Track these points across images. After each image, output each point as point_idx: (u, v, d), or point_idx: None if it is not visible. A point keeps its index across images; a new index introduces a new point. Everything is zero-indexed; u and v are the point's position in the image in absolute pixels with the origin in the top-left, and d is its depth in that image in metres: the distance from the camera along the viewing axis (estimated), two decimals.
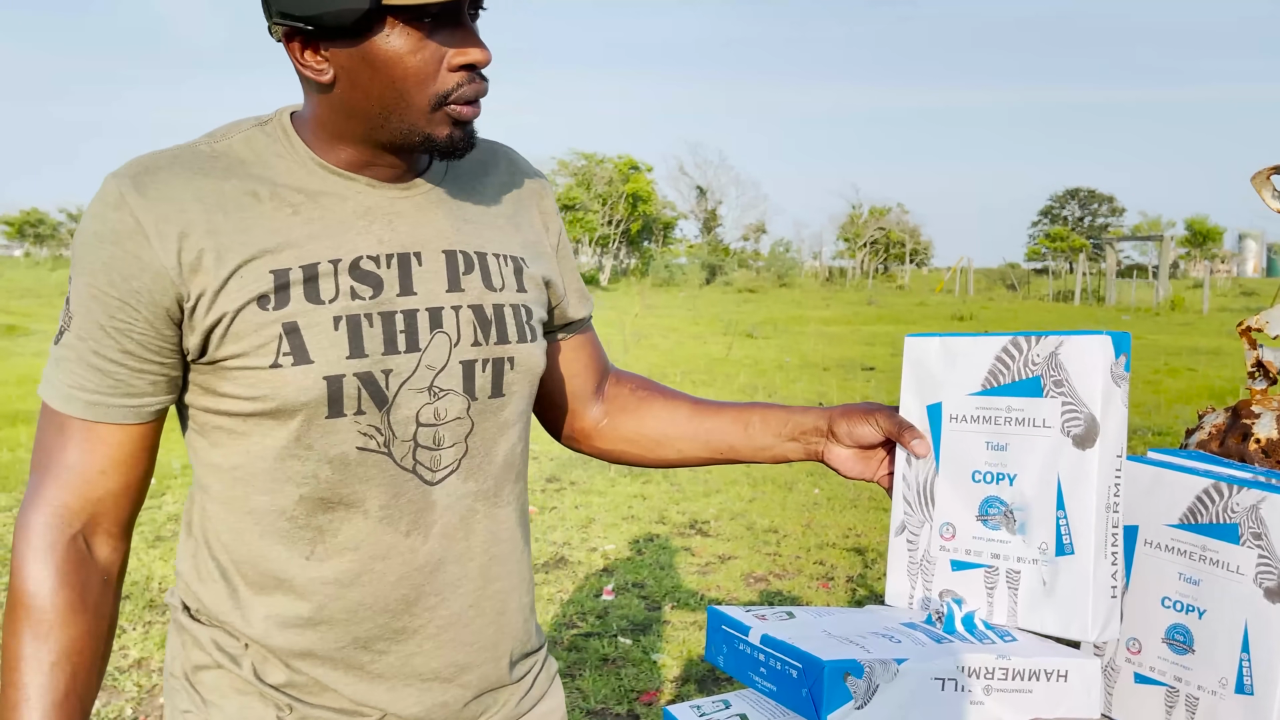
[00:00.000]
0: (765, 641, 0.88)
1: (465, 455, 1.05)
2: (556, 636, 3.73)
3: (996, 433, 0.98)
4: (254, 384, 0.96)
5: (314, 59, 0.95)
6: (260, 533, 1.01)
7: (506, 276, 1.08)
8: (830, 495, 5.89)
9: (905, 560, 1.05)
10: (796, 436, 1.18)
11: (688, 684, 3.37)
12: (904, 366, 1.07)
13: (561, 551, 4.77)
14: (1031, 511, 0.96)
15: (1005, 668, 0.87)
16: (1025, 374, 0.97)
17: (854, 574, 4.53)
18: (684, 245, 56.38)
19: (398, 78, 0.94)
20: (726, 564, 4.64)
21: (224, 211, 0.96)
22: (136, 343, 0.96)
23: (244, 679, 1.04)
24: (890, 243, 56.66)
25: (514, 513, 1.12)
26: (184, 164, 0.97)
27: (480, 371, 1.04)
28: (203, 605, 1.06)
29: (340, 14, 0.90)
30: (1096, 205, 73.37)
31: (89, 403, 0.97)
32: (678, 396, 1.27)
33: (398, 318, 0.99)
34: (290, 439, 0.97)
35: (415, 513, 1.03)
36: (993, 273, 45.90)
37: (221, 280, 0.95)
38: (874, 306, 26.82)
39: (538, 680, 1.20)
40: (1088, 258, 41.26)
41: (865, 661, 0.82)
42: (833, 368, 12.01)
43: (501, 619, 1.11)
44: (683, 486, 6.06)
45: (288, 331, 0.95)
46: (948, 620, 0.94)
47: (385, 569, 1.03)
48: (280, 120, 1.03)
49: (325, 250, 0.98)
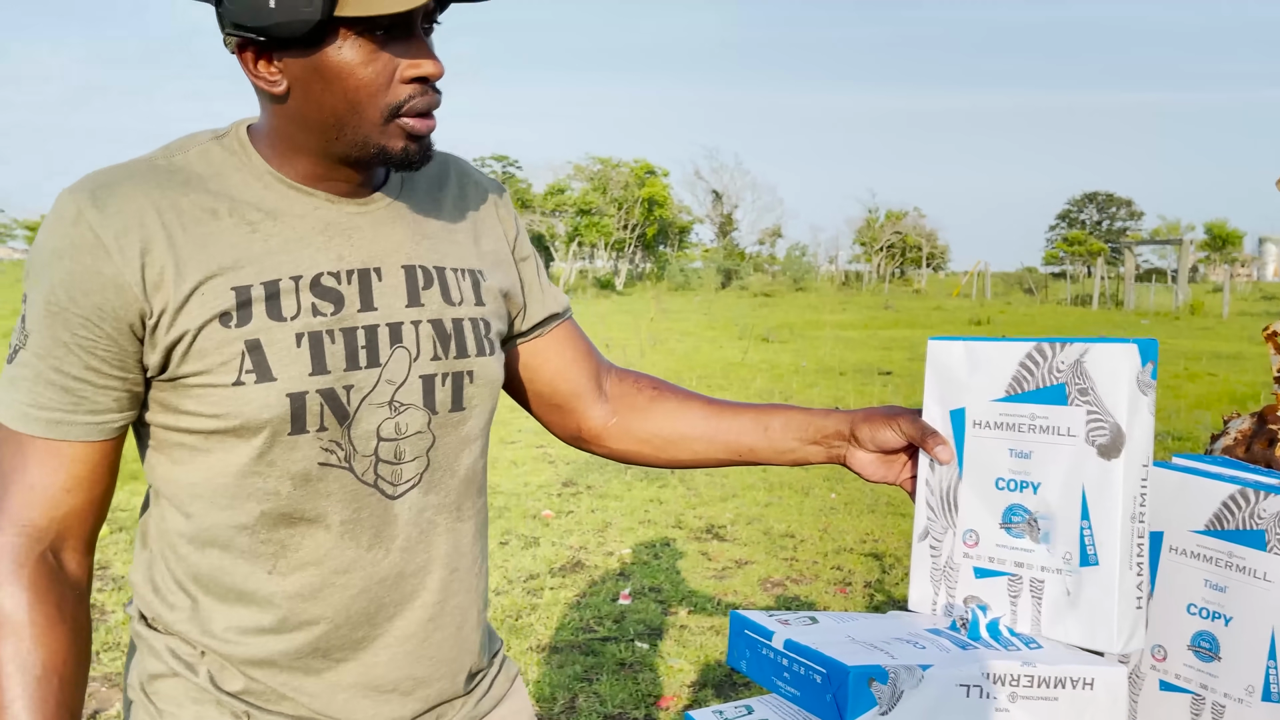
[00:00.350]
0: (789, 646, 0.88)
1: (427, 469, 1.05)
2: (573, 640, 3.73)
3: (1020, 440, 0.98)
4: (217, 402, 0.96)
5: (267, 70, 0.95)
6: (221, 548, 1.01)
7: (465, 290, 1.09)
8: (848, 500, 5.87)
9: (928, 566, 1.05)
10: (818, 440, 1.17)
11: (705, 689, 3.36)
12: (927, 370, 1.06)
13: (578, 555, 4.77)
14: (1056, 521, 0.95)
15: (1031, 675, 0.86)
16: (1049, 381, 0.96)
17: (871, 579, 4.52)
18: (699, 249, 56.38)
19: (350, 89, 0.94)
20: (743, 569, 4.63)
21: (183, 227, 0.95)
22: (100, 359, 0.95)
23: (200, 686, 1.04)
24: (907, 246, 56.50)
25: (474, 527, 1.13)
26: (141, 178, 0.96)
27: (440, 385, 1.05)
28: (159, 615, 1.06)
29: (292, 25, 0.90)
30: (1114, 209, 72.97)
31: (51, 421, 0.95)
32: (691, 396, 1.26)
33: (359, 333, 1.00)
34: (253, 456, 0.97)
35: (377, 526, 1.03)
36: (1010, 277, 45.69)
37: (183, 297, 0.94)
38: (890, 311, 26.74)
39: (495, 683, 1.21)
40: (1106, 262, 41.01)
41: (890, 667, 0.82)
42: (849, 372, 11.98)
43: (460, 633, 1.12)
44: (699, 491, 6.06)
45: (250, 349, 0.95)
46: (972, 626, 0.94)
47: (347, 582, 1.03)
48: (237, 133, 1.03)
49: (286, 267, 0.98)
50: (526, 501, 5.75)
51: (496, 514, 5.46)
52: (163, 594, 1.06)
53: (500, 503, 5.70)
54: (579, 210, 45.94)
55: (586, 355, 1.26)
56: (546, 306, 1.22)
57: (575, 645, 3.70)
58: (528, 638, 3.75)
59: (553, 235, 45.25)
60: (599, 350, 1.30)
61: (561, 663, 3.54)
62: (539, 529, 5.21)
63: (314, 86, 0.94)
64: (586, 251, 47.89)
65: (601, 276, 43.94)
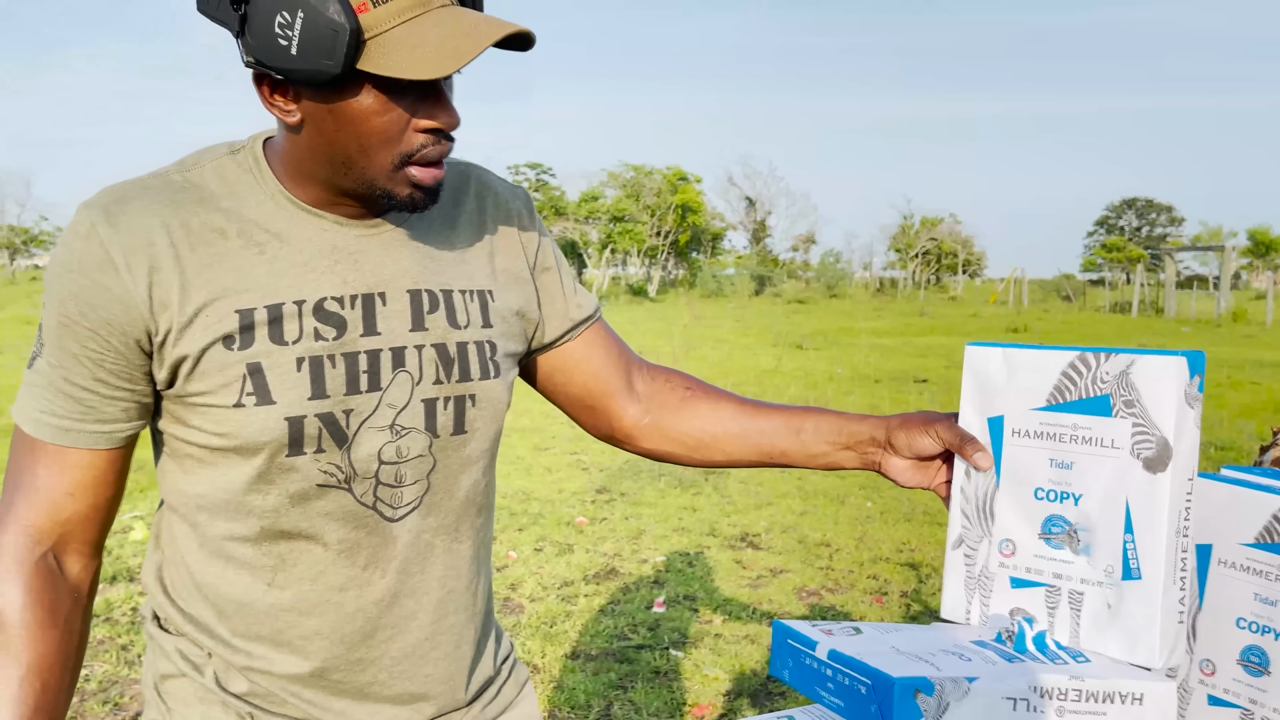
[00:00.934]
0: (833, 657, 0.88)
1: (427, 492, 1.06)
2: (608, 647, 3.73)
3: (1061, 450, 0.97)
4: (219, 421, 0.98)
5: (282, 101, 0.95)
6: (223, 558, 1.03)
7: (472, 313, 1.09)
8: (883, 509, 5.84)
9: (963, 574, 1.04)
10: (853, 445, 1.16)
11: (740, 698, 3.35)
12: (964, 376, 1.05)
13: (612, 563, 4.77)
14: (1097, 533, 0.94)
15: (1079, 689, 0.86)
16: (1093, 391, 0.95)
17: (908, 589, 4.48)
18: (732, 256, 56.30)
19: (362, 134, 0.94)
20: (778, 577, 4.61)
21: (191, 247, 0.96)
22: (108, 370, 0.97)
23: (206, 687, 1.06)
24: (942, 253, 56.10)
25: (471, 547, 1.13)
26: (154, 195, 0.97)
27: (442, 409, 1.05)
28: (169, 616, 1.08)
29: (311, 75, 0.89)
30: (1154, 215, 72.09)
31: (59, 428, 0.98)
32: (724, 396, 1.25)
33: (361, 358, 1.00)
34: (253, 474, 0.99)
35: (374, 548, 1.04)
36: (1047, 284, 45.21)
37: (188, 318, 0.96)
38: (926, 318, 26.55)
39: (504, 689, 1.22)
40: (1145, 268, 40.49)
41: (936, 679, 0.81)
42: (885, 380, 11.91)
43: (457, 651, 1.13)
44: (733, 499, 6.05)
45: (251, 372, 0.96)
46: (1018, 639, 0.93)
47: (342, 600, 1.04)
48: (253, 149, 1.03)
49: (290, 291, 0.98)
50: (561, 508, 5.76)
51: (531, 520, 5.47)
52: (172, 596, 1.08)
53: (535, 509, 5.72)
54: (612, 217, 46.01)
55: (617, 355, 1.26)
56: (571, 315, 1.22)
57: (610, 653, 3.70)
58: (562, 644, 3.76)
59: (586, 242, 45.32)
60: (631, 350, 1.29)
61: (596, 670, 3.54)
62: (573, 536, 5.22)
63: (327, 125, 0.95)
64: (619, 258, 47.94)
65: (634, 283, 43.97)
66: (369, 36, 0.89)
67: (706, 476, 6.59)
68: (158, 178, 1.00)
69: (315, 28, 0.87)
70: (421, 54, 0.89)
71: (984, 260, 62.51)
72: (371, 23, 0.89)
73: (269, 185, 1.01)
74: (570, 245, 43.89)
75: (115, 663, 3.56)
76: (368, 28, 0.89)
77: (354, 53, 0.88)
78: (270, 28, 0.88)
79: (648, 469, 6.76)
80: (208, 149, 1.04)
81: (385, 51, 0.89)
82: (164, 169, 1.02)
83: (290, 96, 0.94)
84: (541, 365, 1.23)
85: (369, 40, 0.89)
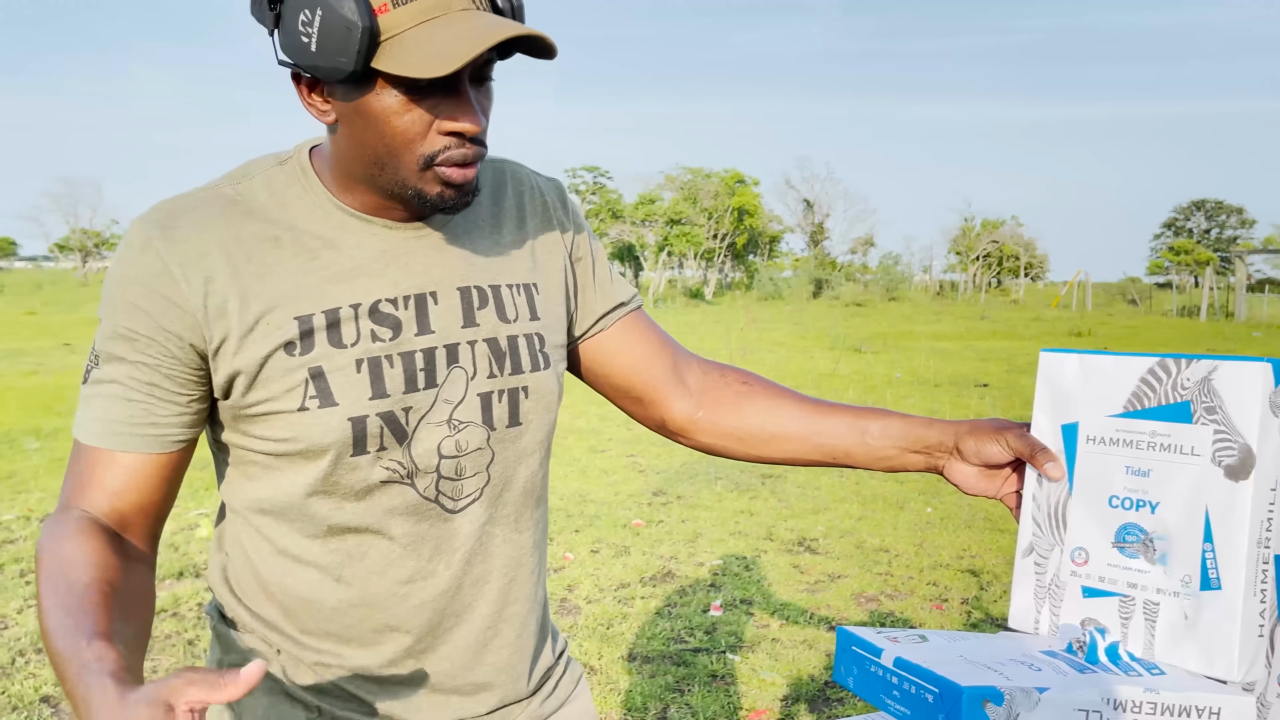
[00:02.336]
0: (899, 664, 0.87)
1: (487, 484, 1.08)
2: (665, 650, 3.73)
3: (1138, 457, 0.95)
4: (282, 426, 1.00)
5: (318, 100, 0.97)
6: (289, 557, 1.06)
7: (520, 306, 1.11)
8: (944, 515, 5.76)
9: (1032, 583, 1.02)
10: (920, 450, 1.15)
11: (798, 703, 3.33)
12: (1038, 382, 1.04)
13: (668, 565, 4.77)
14: (1174, 542, 0.92)
15: (1154, 702, 0.83)
16: (1173, 398, 0.93)
17: (968, 596, 4.42)
18: (789, 259, 56.01)
19: (386, 134, 0.95)
20: (836, 583, 4.57)
21: (246, 258, 0.99)
22: (162, 375, 0.98)
23: (274, 680, 1.08)
24: (1004, 256, 55.28)
25: (531, 537, 1.15)
26: (206, 208, 1.00)
27: (497, 402, 1.07)
28: (236, 615, 1.11)
29: (329, 71, 0.91)
30: (1224, 217, 70.33)
31: (113, 433, 0.99)
32: (783, 392, 1.24)
33: (417, 356, 1.02)
34: (318, 476, 1.01)
35: (437, 540, 1.06)
36: (1112, 287, 44.35)
37: (247, 327, 0.98)
38: (987, 321, 26.17)
39: (560, 684, 1.23)
40: (1215, 271, 39.52)
41: (1005, 689, 0.80)
42: (945, 384, 11.76)
43: (519, 640, 1.15)
44: (790, 503, 6.01)
45: (313, 376, 0.99)
46: (1090, 650, 0.91)
47: (409, 592, 1.06)
48: (299, 158, 1.05)
49: (345, 295, 1.00)
50: (617, 510, 5.77)
51: (588, 522, 5.49)
52: (239, 596, 1.11)
53: (591, 511, 5.73)
54: (669, 220, 46.03)
55: (660, 346, 1.25)
56: (607, 300, 1.22)
57: (667, 655, 3.69)
58: (619, 647, 3.76)
59: (643, 245, 45.39)
60: (679, 344, 1.29)
61: (653, 672, 3.54)
62: (630, 538, 5.22)
63: (356, 124, 0.96)
64: (676, 261, 47.94)
65: (691, 286, 43.93)
66: (386, 37, 0.91)
67: (763, 481, 6.56)
68: (209, 191, 1.02)
69: (331, 25, 0.89)
70: (427, 54, 0.90)
71: (1046, 263, 61.49)
72: (391, 24, 0.91)
73: (317, 193, 1.03)
74: (627, 248, 43.99)
75: (183, 656, 3.63)
76: (386, 29, 0.91)
77: (368, 51, 0.90)
78: (295, 26, 0.91)
79: (704, 472, 6.75)
80: (256, 161, 1.07)
81: (398, 51, 0.91)
82: (215, 182, 1.04)
83: (324, 95, 0.97)
84: (582, 355, 1.24)
85: (386, 40, 0.91)
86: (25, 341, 17.09)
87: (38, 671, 3.48)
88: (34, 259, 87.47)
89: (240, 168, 1.06)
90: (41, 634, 0.90)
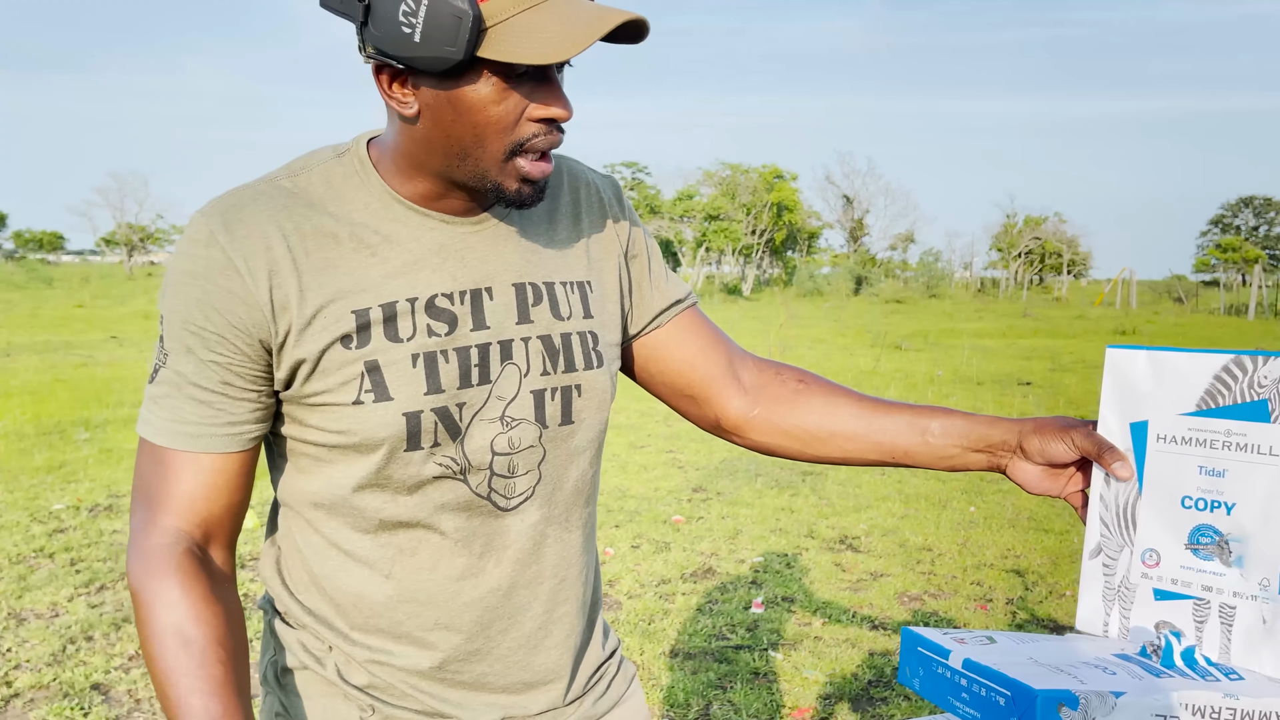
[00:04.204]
0: (968, 666, 0.85)
1: (539, 482, 1.07)
2: (706, 647, 3.72)
3: (1212, 457, 0.93)
4: (337, 419, 0.99)
5: (400, 92, 0.96)
6: (340, 551, 1.05)
7: (574, 304, 1.10)
8: (987, 514, 5.70)
9: (1101, 585, 1.00)
10: (982, 449, 1.12)
11: (840, 702, 3.31)
12: (1105, 380, 1.01)
13: (709, 562, 4.76)
14: (1251, 544, 0.90)
15: (1234, 708, 0.81)
16: (1250, 396, 0.91)
17: (1013, 596, 4.37)
18: (829, 255, 55.68)
19: (479, 123, 0.95)
20: (879, 581, 4.54)
21: (306, 252, 0.98)
22: (234, 373, 0.98)
23: (328, 680, 1.08)
24: (1046, 253, 54.61)
25: (581, 537, 1.14)
26: (267, 200, 0.99)
27: (550, 400, 1.06)
28: (288, 608, 1.10)
29: (434, 60, 0.90)
30: (1273, 214, 68.98)
31: (192, 434, 0.99)
32: (840, 390, 1.22)
33: (472, 352, 1.02)
34: (371, 470, 1.00)
35: (489, 537, 1.06)
36: (1157, 285, 43.69)
37: (306, 320, 0.98)
38: (1030, 319, 25.86)
39: (614, 684, 1.22)
40: (1264, 269, 38.76)
41: (1080, 693, 0.78)
42: (987, 382, 11.63)
43: (568, 640, 1.14)
44: (831, 501, 5.97)
45: (369, 370, 0.98)
46: (1165, 653, 0.89)
47: (460, 589, 1.06)
48: (357, 151, 1.05)
49: (402, 289, 1.00)
50: (657, 506, 5.77)
51: (628, 518, 5.49)
52: (291, 589, 1.11)
53: (631, 506, 5.73)
54: (707, 216, 45.92)
55: (715, 343, 1.24)
56: (663, 298, 1.21)
57: (708, 652, 3.68)
58: (661, 643, 3.76)
59: (681, 241, 45.33)
60: (734, 342, 1.27)
61: (695, 669, 3.53)
62: (670, 534, 5.21)
63: (444, 115, 0.96)
64: (714, 257, 47.81)
65: (729, 282, 43.81)
66: (489, 24, 0.91)
67: (804, 478, 6.52)
68: (268, 184, 1.02)
69: (439, 14, 0.89)
70: (542, 40, 0.90)
71: (1090, 260, 60.66)
72: (492, 11, 0.91)
73: (375, 186, 1.03)
74: (665, 244, 43.93)
75: None
76: (488, 16, 0.90)
77: (475, 39, 0.90)
78: (394, 16, 0.90)
79: (744, 469, 6.73)
80: (313, 153, 1.07)
81: (506, 38, 0.90)
82: (273, 174, 1.04)
83: (409, 87, 0.96)
84: (637, 353, 1.23)
85: (489, 28, 0.91)
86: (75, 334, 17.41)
87: (88, 659, 3.54)
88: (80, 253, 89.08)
89: (298, 160, 1.06)
90: (157, 686, 0.96)
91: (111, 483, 6.14)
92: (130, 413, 8.61)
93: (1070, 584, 4.51)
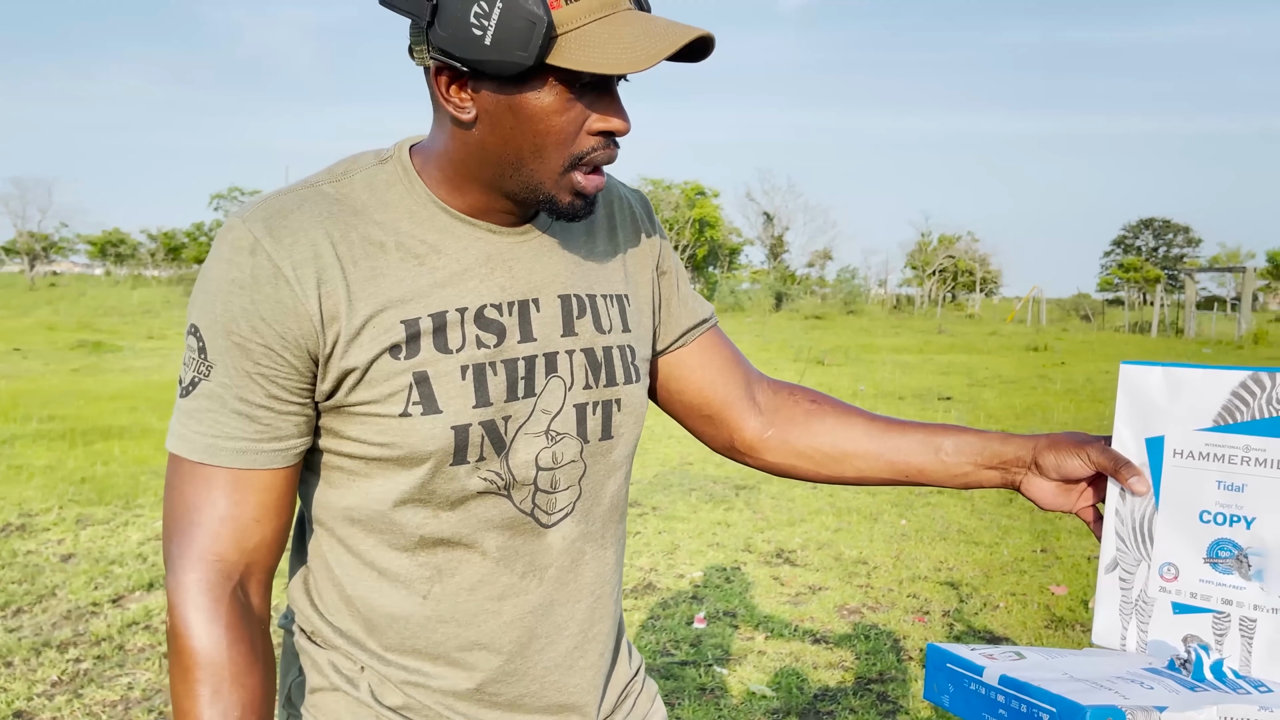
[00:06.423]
0: (1005, 682, 0.85)
1: (579, 498, 1.06)
2: (651, 663, 3.69)
3: (1231, 472, 0.94)
4: (382, 430, 0.96)
5: (459, 95, 0.94)
6: (376, 571, 1.01)
7: (613, 317, 1.09)
8: (918, 527, 5.79)
9: (1118, 599, 1.01)
10: (995, 465, 1.13)
11: (789, 716, 3.31)
12: (1119, 395, 1.02)
13: (649, 578, 4.74)
14: (1271, 558, 0.91)
15: None
16: (1268, 412, 0.92)
17: (949, 608, 4.43)
18: (749, 271, 56.29)
19: (540, 132, 0.93)
20: (817, 594, 4.57)
21: (354, 261, 0.96)
22: (281, 386, 0.94)
23: (361, 701, 1.04)
24: (959, 271, 55.99)
25: (614, 553, 1.13)
26: (312, 207, 0.96)
27: (591, 414, 1.05)
28: (316, 628, 1.06)
29: (502, 65, 0.89)
30: (1171, 235, 71.81)
31: (238, 450, 0.94)
32: (852, 411, 1.23)
33: (519, 364, 1.00)
34: (414, 484, 0.97)
35: (531, 555, 1.03)
36: (1065, 303, 45.08)
37: (355, 329, 0.95)
38: (944, 335, 26.46)
39: (638, 702, 1.21)
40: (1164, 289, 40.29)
41: (1126, 708, 0.78)
42: (909, 397, 11.85)
43: (601, 660, 1.12)
44: (766, 515, 6.00)
45: (418, 381, 0.95)
46: (1196, 667, 0.90)
47: (500, 609, 1.03)
48: (400, 157, 1.02)
49: (451, 299, 0.98)
50: None
51: None
52: (320, 610, 1.06)
53: None
54: None
55: (734, 364, 1.24)
56: (690, 316, 1.21)
57: (654, 668, 3.66)
58: None
59: None
60: (750, 362, 1.27)
61: None
62: None
63: (504, 122, 0.93)
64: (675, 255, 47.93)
65: None
66: (560, 32, 0.89)
67: (738, 492, 6.55)
68: (310, 189, 0.98)
69: (512, 19, 0.87)
70: (615, 50, 0.89)
71: (1000, 278, 62.37)
72: (563, 19, 0.89)
73: (419, 194, 1.00)
74: None
75: (158, 670, 3.54)
76: (559, 23, 0.89)
77: (546, 46, 0.88)
78: (465, 18, 0.88)
79: (678, 483, 6.73)
80: (354, 158, 1.03)
81: (576, 46, 0.89)
82: (314, 179, 1.00)
83: (468, 91, 0.93)
84: (660, 370, 1.22)
85: (560, 35, 0.89)
86: None
87: (8, 686, 3.37)
88: None
89: (339, 164, 1.02)
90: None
91: (22, 501, 5.88)
92: (39, 428, 8.27)
93: (1002, 595, 4.60)
